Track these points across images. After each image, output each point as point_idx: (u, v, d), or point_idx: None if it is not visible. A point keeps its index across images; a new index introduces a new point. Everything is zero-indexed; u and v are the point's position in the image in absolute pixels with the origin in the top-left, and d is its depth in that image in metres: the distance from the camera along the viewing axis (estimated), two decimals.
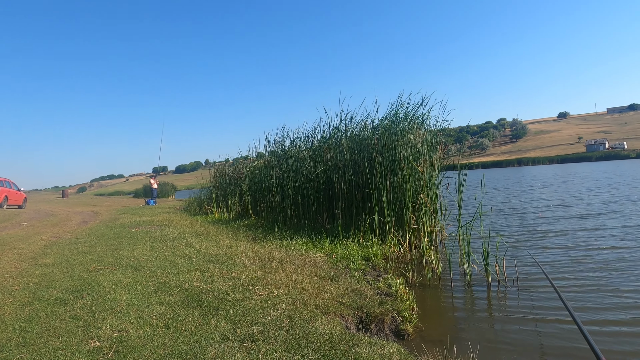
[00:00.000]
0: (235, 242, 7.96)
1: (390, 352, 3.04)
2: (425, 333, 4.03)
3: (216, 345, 3.02)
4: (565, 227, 9.06)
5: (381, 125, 8.93)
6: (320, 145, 10.20)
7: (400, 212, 7.77)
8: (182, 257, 6.27)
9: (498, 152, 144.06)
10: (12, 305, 3.92)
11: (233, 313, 3.70)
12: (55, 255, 6.52)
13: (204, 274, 5.14)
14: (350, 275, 5.55)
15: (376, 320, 4.03)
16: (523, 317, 4.30)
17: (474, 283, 5.54)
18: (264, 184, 11.83)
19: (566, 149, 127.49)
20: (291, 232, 9.03)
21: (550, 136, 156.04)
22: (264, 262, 5.90)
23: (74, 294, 4.26)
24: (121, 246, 7.26)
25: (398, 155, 7.85)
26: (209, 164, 21.62)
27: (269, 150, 13.13)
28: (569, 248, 7.06)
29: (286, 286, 4.62)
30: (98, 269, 5.43)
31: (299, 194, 9.95)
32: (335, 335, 3.27)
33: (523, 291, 5.09)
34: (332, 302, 4.22)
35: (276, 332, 3.27)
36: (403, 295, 4.69)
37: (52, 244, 7.86)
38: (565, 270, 5.82)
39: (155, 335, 3.19)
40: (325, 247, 7.32)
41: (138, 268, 5.46)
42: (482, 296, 5.13)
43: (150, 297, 4.16)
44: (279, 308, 3.86)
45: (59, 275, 5.09)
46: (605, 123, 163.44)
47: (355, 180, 8.56)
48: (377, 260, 6.54)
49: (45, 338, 3.14)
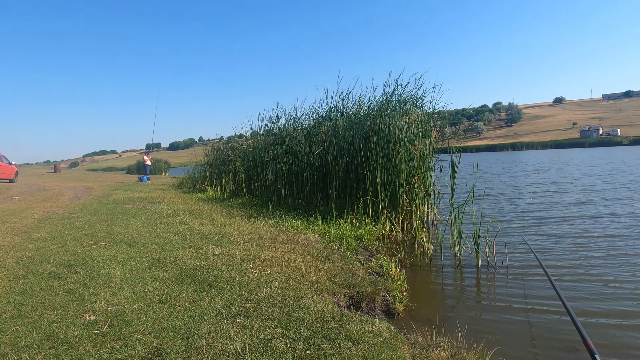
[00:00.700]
0: (229, 220, 7.98)
1: (381, 329, 3.11)
2: (414, 312, 4.11)
3: (210, 320, 3.07)
4: (560, 213, 9.06)
5: (377, 106, 8.91)
6: (315, 125, 10.16)
7: (393, 194, 7.83)
8: (176, 234, 6.29)
9: (493, 136, 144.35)
10: (6, 279, 3.93)
11: (227, 290, 3.75)
12: (48, 230, 6.51)
13: (197, 251, 5.17)
14: (343, 255, 5.62)
15: (367, 299, 4.10)
16: (510, 299, 4.40)
17: (464, 265, 5.64)
18: (259, 163, 11.82)
19: (560, 134, 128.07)
20: (285, 211, 9.07)
21: (545, 121, 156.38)
22: (258, 241, 5.94)
23: (68, 268, 4.28)
24: (115, 222, 7.26)
25: (393, 136, 7.85)
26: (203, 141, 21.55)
27: (264, 129, 13.07)
28: (562, 235, 7.12)
29: (279, 264, 4.67)
30: (92, 244, 5.44)
31: (293, 174, 9.96)
32: (327, 313, 3.33)
33: (512, 274, 5.18)
34: (325, 281, 4.28)
35: (269, 309, 3.32)
36: (394, 275, 4.77)
37: (45, 219, 7.84)
38: (555, 255, 5.91)
39: (149, 310, 3.23)
40: (318, 226, 7.38)
41: (132, 244, 5.48)
42: (471, 278, 5.23)
43: (145, 272, 4.20)
44: (272, 286, 3.91)
45: (52, 250, 5.10)
46: (600, 109, 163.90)
47: (349, 161, 8.57)
48: (370, 240, 6.61)
49: (40, 311, 3.17)
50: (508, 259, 5.64)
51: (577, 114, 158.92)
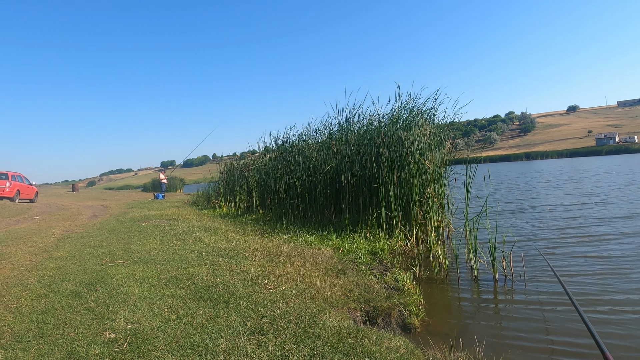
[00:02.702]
0: (243, 236, 8.04)
1: (397, 345, 3.09)
2: (431, 327, 4.07)
3: (227, 337, 3.10)
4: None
5: (388, 120, 8.95)
6: (327, 140, 10.24)
7: (407, 207, 7.80)
8: (192, 251, 6.36)
9: (506, 146, 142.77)
10: (29, 298, 4.03)
11: (243, 306, 3.77)
12: (68, 249, 6.65)
13: (213, 267, 5.22)
14: (358, 270, 5.60)
15: (383, 314, 4.08)
16: (530, 313, 4.32)
17: (481, 278, 5.56)
18: (272, 179, 11.90)
19: (576, 142, 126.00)
20: (299, 226, 9.09)
21: (559, 130, 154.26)
22: (272, 256, 5.97)
23: (88, 286, 4.37)
24: (132, 240, 7.38)
25: (405, 149, 7.86)
26: (217, 158, 21.86)
27: (276, 145, 13.20)
28: (581, 246, 7.00)
29: (294, 280, 4.69)
30: (110, 262, 5.54)
31: (306, 189, 10.01)
32: (343, 328, 3.33)
33: (531, 287, 5.09)
34: (340, 296, 4.28)
35: (285, 325, 3.34)
36: (410, 289, 4.74)
37: (65, 238, 8.01)
38: (576, 268, 5.79)
39: (167, 327, 3.27)
40: (332, 241, 7.38)
41: (149, 262, 5.56)
42: (489, 291, 5.15)
43: (162, 290, 4.25)
44: (287, 302, 3.92)
45: (72, 269, 5.20)
46: (616, 116, 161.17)
47: (362, 174, 8.59)
48: (384, 254, 6.58)
49: (62, 329, 3.24)
50: (526, 270, 5.55)
51: (592, 122, 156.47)
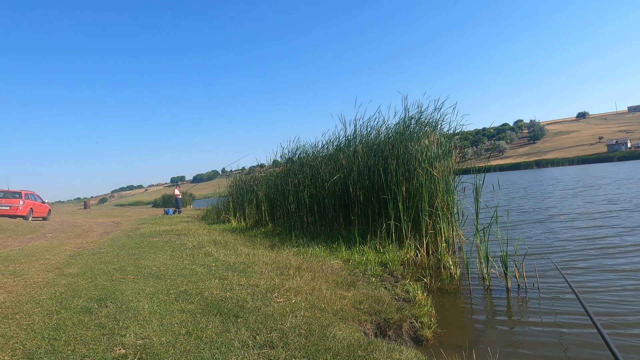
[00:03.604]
0: (252, 249, 8.04)
1: (409, 357, 3.05)
2: (444, 339, 4.01)
3: (236, 351, 3.08)
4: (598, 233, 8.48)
5: (395, 131, 8.96)
6: (335, 152, 10.27)
7: (416, 217, 7.74)
8: (202, 265, 6.37)
9: (516, 155, 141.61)
10: (41, 314, 4.06)
11: (252, 320, 3.76)
12: (79, 266, 6.70)
13: (223, 281, 5.22)
14: (368, 282, 5.56)
15: (394, 326, 4.03)
16: (544, 325, 4.23)
17: (493, 288, 5.48)
18: (280, 192, 11.93)
19: (586, 149, 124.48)
20: (308, 239, 9.07)
21: (569, 137, 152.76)
22: (282, 270, 5.95)
23: (99, 302, 4.39)
24: (142, 255, 7.42)
25: (413, 160, 7.85)
26: (226, 172, 21.98)
27: (284, 159, 13.26)
28: (595, 254, 6.88)
29: (304, 293, 4.66)
30: (121, 278, 5.57)
31: (315, 201, 10.01)
32: (354, 341, 3.29)
33: (544, 297, 5.00)
34: (350, 309, 4.24)
35: (295, 339, 3.31)
36: (421, 301, 4.68)
37: (76, 255, 8.08)
38: (591, 277, 5.68)
39: (177, 342, 3.26)
40: (342, 253, 7.34)
41: (159, 277, 5.58)
42: (501, 302, 5.07)
43: (172, 305, 4.26)
44: (297, 315, 3.90)
45: (83, 285, 5.24)
46: (626, 122, 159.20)
47: (370, 186, 8.57)
48: (394, 266, 6.53)
49: (73, 346, 3.25)
50: (539, 280, 5.46)
51: (602, 128, 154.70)
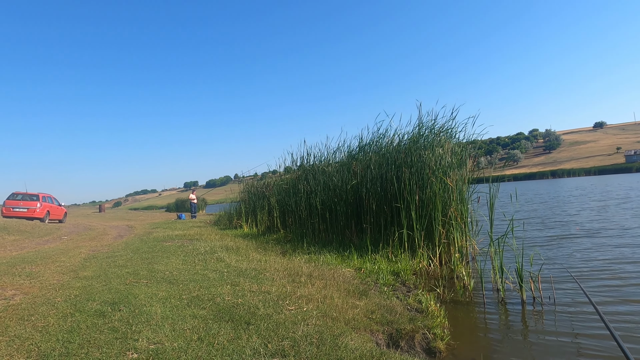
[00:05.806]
0: (264, 256, 8.05)
1: None
2: (457, 351, 3.94)
3: (248, 359, 3.07)
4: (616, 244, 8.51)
5: (409, 139, 8.92)
6: (348, 160, 10.26)
7: (429, 227, 7.67)
8: (214, 271, 6.39)
9: (531, 164, 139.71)
10: (55, 317, 4.11)
11: (264, 327, 3.75)
12: (94, 269, 6.78)
13: (234, 288, 5.22)
14: (380, 291, 5.51)
15: (407, 337, 3.98)
16: (560, 338, 4.14)
17: (508, 300, 5.38)
18: (292, 199, 11.95)
19: (604, 159, 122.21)
20: (319, 246, 9.05)
21: (586, 147, 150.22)
22: (293, 277, 5.94)
23: (112, 306, 4.42)
24: (155, 260, 7.48)
25: (427, 168, 7.79)
26: (238, 178, 22.17)
27: (297, 165, 13.29)
28: (613, 268, 6.72)
29: (315, 301, 4.64)
30: (134, 282, 5.61)
31: (326, 208, 10.00)
32: (365, 351, 3.26)
33: (561, 310, 4.90)
34: (362, 318, 4.20)
35: (306, 348, 3.29)
36: (434, 311, 4.62)
37: (91, 257, 8.18)
38: (608, 288, 5.56)
39: (189, 348, 3.27)
40: (353, 261, 7.30)
41: (172, 282, 5.61)
42: (516, 314, 4.98)
43: (184, 310, 4.27)
44: (308, 323, 3.88)
45: (97, 288, 5.29)
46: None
47: (383, 194, 8.53)
48: (407, 275, 6.47)
49: (86, 349, 3.27)
50: (555, 292, 5.35)
51: (620, 138, 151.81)
